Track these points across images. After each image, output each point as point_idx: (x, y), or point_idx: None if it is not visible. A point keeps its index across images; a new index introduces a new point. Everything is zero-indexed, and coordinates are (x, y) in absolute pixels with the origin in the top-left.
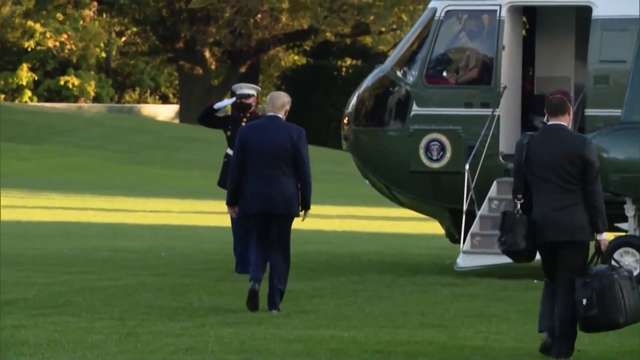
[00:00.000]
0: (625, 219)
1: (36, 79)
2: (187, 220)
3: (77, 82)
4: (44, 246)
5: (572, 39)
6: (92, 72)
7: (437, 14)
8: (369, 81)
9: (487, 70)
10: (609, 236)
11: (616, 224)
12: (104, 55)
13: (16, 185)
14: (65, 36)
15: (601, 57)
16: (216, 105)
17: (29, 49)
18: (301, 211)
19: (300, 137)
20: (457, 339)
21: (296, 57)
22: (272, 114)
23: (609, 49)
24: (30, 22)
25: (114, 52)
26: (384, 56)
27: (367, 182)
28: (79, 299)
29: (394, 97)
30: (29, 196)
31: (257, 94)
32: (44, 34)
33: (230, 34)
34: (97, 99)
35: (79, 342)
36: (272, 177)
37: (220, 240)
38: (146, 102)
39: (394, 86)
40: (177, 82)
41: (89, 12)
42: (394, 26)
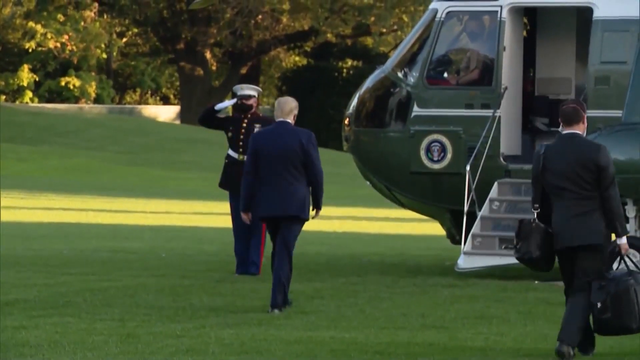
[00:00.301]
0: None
1: (37, 80)
2: (187, 221)
3: (77, 83)
4: (44, 247)
5: (572, 40)
6: (93, 73)
7: (438, 15)
8: (369, 82)
9: (488, 71)
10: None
11: None
12: (104, 56)
13: (16, 186)
14: (66, 37)
15: (602, 58)
16: (217, 106)
17: (30, 50)
18: (312, 210)
19: (309, 141)
20: (458, 340)
21: (297, 58)
22: (281, 120)
23: (610, 50)
24: (31, 23)
25: (114, 53)
26: (384, 57)
27: (368, 183)
28: (79, 300)
29: (394, 98)
30: (29, 197)
31: (258, 95)
32: (44, 35)
33: (231, 35)
34: (97, 100)
35: (79, 343)
36: (284, 181)
37: (220, 241)
38: (147, 103)
39: (394, 87)
40: (177, 83)
41: (89, 13)
42: (395, 27)
